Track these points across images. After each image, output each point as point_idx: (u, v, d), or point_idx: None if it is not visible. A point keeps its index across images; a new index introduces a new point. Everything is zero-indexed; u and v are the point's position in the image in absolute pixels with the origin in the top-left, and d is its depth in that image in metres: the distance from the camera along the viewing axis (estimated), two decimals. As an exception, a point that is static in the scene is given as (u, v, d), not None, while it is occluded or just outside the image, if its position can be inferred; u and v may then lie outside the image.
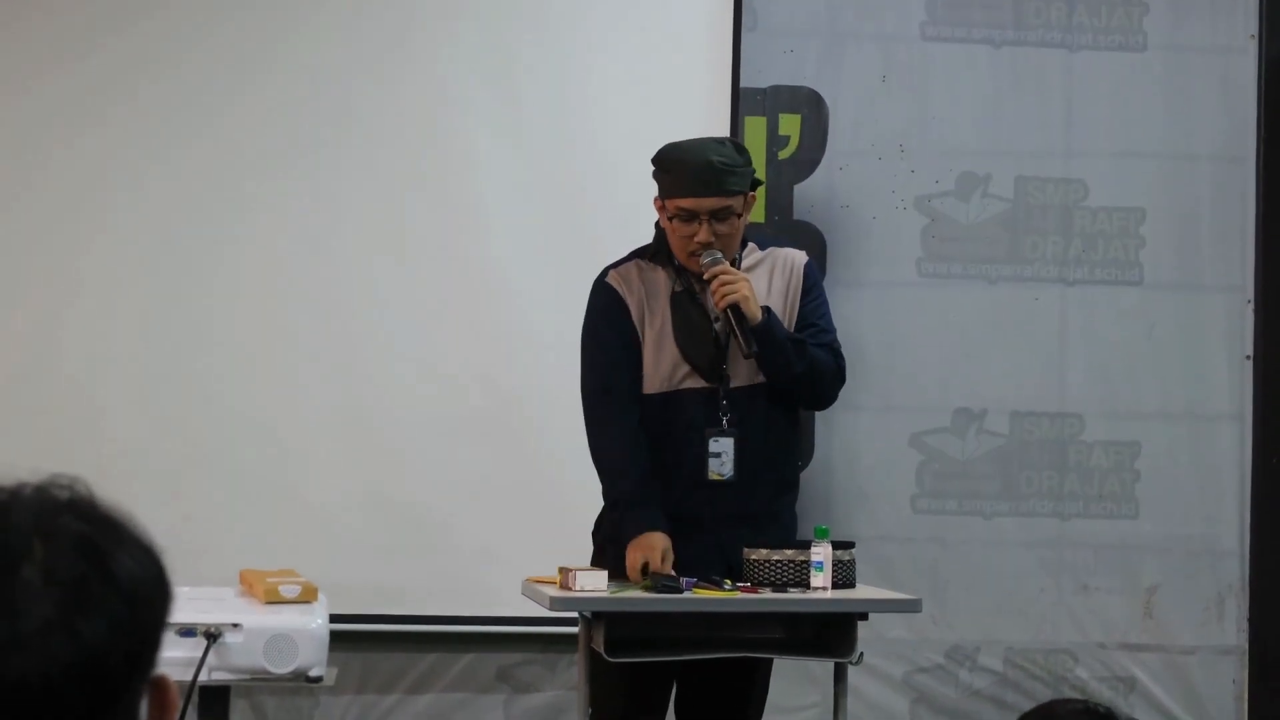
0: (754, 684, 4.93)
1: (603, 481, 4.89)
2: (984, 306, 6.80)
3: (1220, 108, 6.89)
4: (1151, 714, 6.75)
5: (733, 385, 4.82)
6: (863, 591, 4.81)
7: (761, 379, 4.83)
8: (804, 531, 4.98)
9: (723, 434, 4.80)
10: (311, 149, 6.34)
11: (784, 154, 6.69)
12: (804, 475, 5.17)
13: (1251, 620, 6.83)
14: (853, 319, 6.51)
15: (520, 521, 6.24)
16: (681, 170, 4.80)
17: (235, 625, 4.42)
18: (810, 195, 6.66)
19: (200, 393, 6.26)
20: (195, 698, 4.41)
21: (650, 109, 6.38)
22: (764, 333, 4.71)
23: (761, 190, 5.13)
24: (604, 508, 4.97)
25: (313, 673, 4.46)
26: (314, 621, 4.51)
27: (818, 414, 6.36)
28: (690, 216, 4.77)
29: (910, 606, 4.85)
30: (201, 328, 6.28)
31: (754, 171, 4.93)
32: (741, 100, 6.53)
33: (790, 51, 6.75)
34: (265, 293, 6.31)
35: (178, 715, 1.62)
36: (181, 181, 6.30)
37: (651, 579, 4.58)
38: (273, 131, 6.34)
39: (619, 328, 4.89)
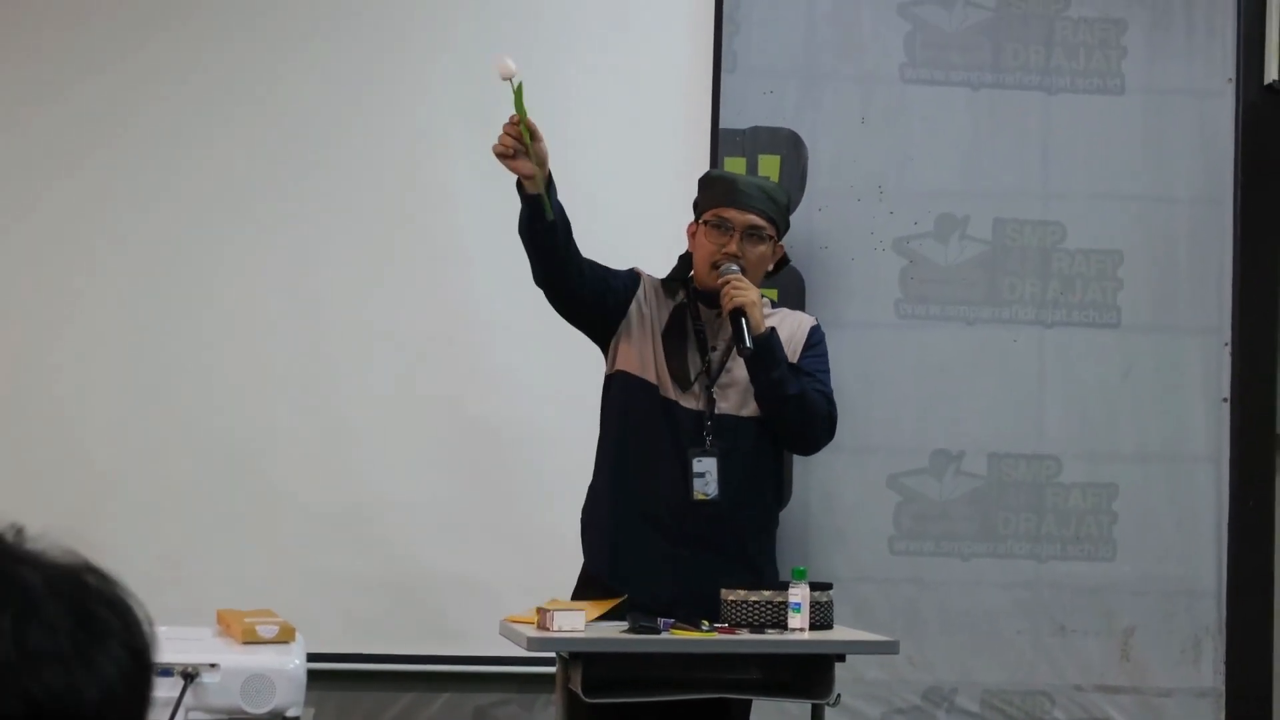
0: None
1: (519, 228, 4.81)
2: (962, 348, 6.81)
3: (1198, 151, 6.92)
4: (1128, 756, 6.77)
5: (720, 411, 4.84)
6: (840, 633, 4.81)
7: (750, 412, 4.85)
8: (782, 572, 4.98)
9: (705, 454, 4.81)
10: (292, 186, 6.35)
11: (763, 195, 6.70)
12: (782, 515, 5.16)
13: (1228, 662, 6.83)
14: (831, 360, 6.51)
15: (498, 561, 6.25)
16: (728, 183, 4.98)
17: (212, 665, 4.40)
18: (789, 236, 6.63)
19: (181, 430, 6.26)
20: (171, 737, 4.39)
21: (630, 149, 6.40)
22: (764, 342, 4.74)
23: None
24: (584, 505, 4.99)
25: (290, 713, 4.45)
26: (291, 661, 4.49)
27: (796, 456, 6.36)
28: (725, 226, 4.86)
29: (887, 648, 4.85)
30: (182, 365, 6.28)
31: (789, 223, 5.09)
32: (721, 141, 6.56)
33: (770, 93, 6.77)
34: (245, 330, 6.32)
35: None
36: (164, 217, 6.31)
37: (630, 619, 4.58)
38: (253, 169, 6.35)
39: (622, 277, 4.96)
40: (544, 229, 4.70)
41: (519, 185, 4.70)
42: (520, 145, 4.60)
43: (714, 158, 6.46)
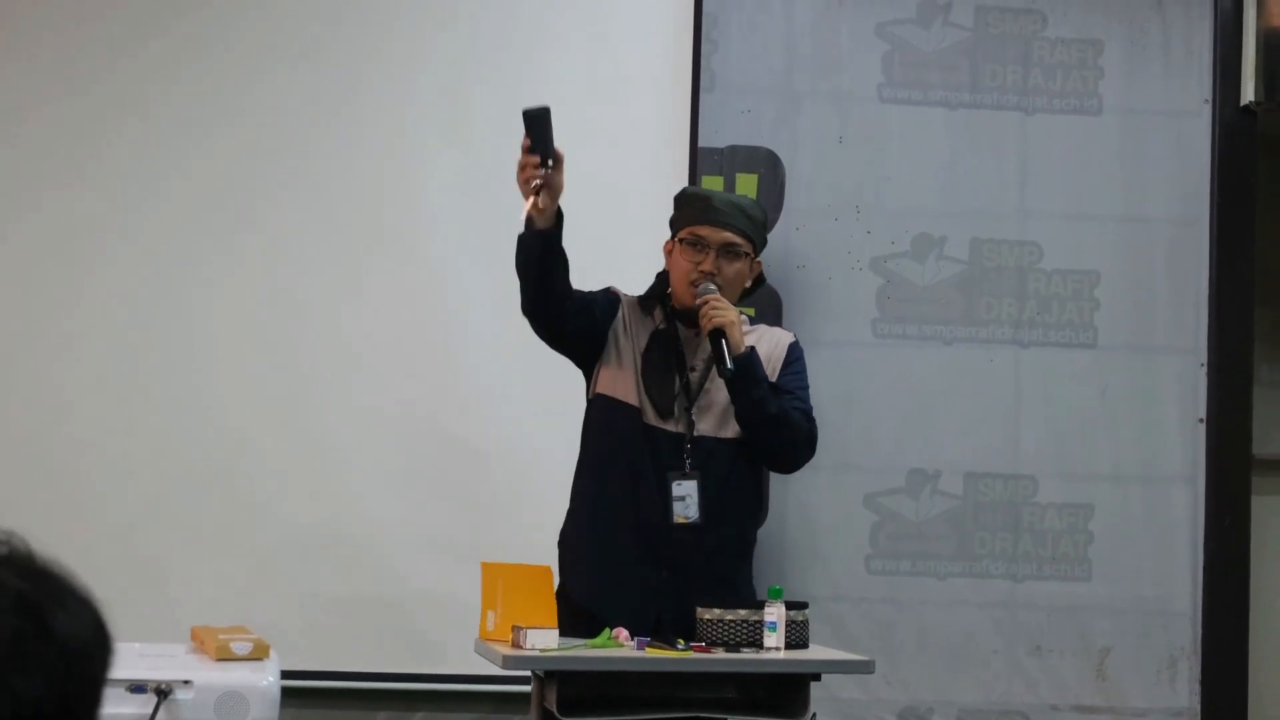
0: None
1: (518, 260, 4.79)
2: (939, 368, 6.82)
3: (1175, 171, 6.94)
4: (1104, 776, 6.77)
5: (699, 432, 4.83)
6: (816, 652, 4.80)
7: (729, 433, 4.84)
8: (758, 592, 4.97)
9: (684, 477, 4.79)
10: (271, 200, 6.35)
11: (741, 213, 6.71)
12: (759, 535, 5.15)
13: (1204, 683, 6.84)
14: (809, 379, 6.52)
15: (474, 578, 6.22)
16: (704, 201, 4.95)
17: (186, 682, 4.39)
18: (767, 255, 6.62)
19: (157, 445, 6.25)
20: (145, 754, 4.38)
21: (608, 167, 6.39)
22: (744, 362, 4.73)
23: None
24: (562, 527, 4.97)
25: (263, 730, 4.44)
26: (265, 679, 4.48)
27: (773, 475, 6.35)
28: (701, 244, 4.85)
29: (863, 667, 4.83)
30: (159, 379, 6.28)
31: (766, 240, 5.06)
32: (699, 159, 6.55)
33: (748, 111, 6.77)
34: (224, 345, 6.31)
35: None
36: (142, 232, 6.32)
37: None
38: (231, 183, 6.35)
39: (601, 302, 4.93)
40: (552, 262, 4.70)
41: (528, 219, 4.69)
42: (545, 176, 4.61)
43: (692, 176, 6.46)
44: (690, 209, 4.94)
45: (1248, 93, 6.91)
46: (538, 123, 4.65)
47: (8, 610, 1.51)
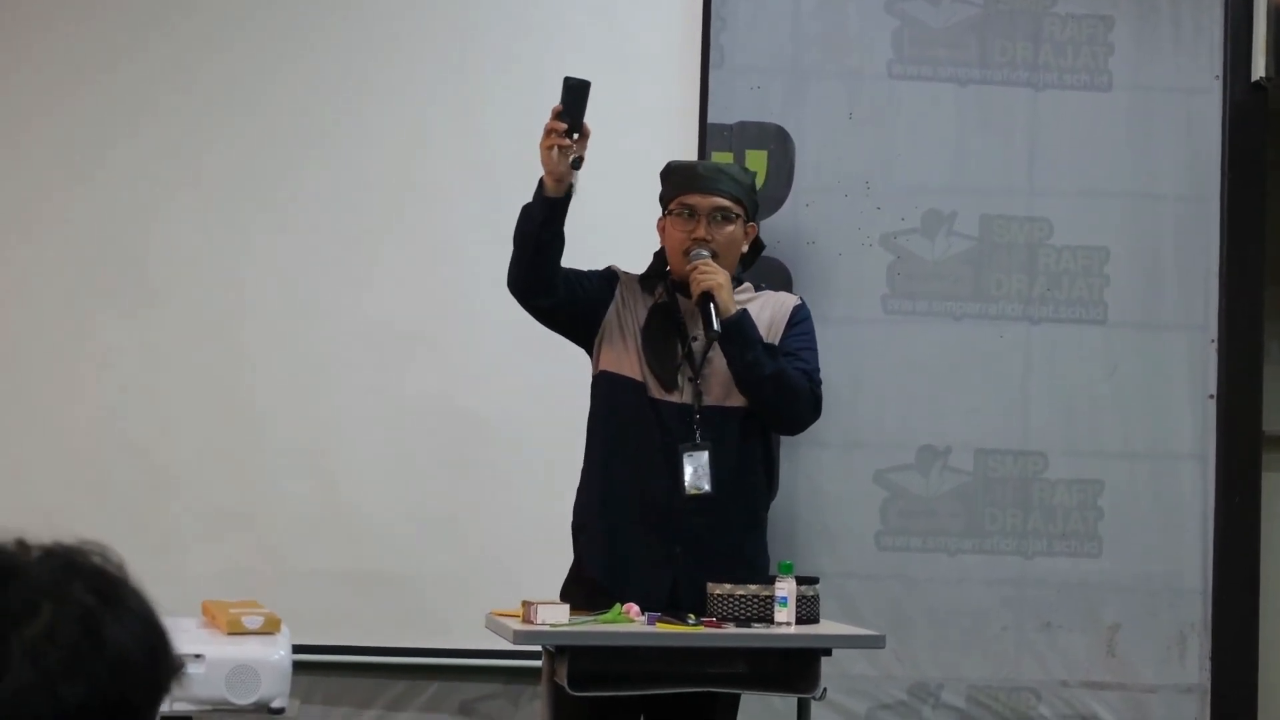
0: (718, 718, 4.92)
1: (518, 229, 4.86)
2: (949, 344, 6.81)
3: (1185, 148, 6.93)
4: (1113, 752, 6.77)
5: (706, 403, 4.83)
6: (826, 627, 4.81)
7: (735, 401, 4.84)
8: (770, 564, 4.98)
9: (696, 448, 4.80)
10: (280, 185, 6.36)
11: (750, 190, 6.71)
12: (769, 510, 5.15)
13: (1214, 658, 6.84)
14: (818, 356, 6.52)
15: (484, 554, 6.25)
16: (689, 170, 5.01)
17: (198, 656, 4.40)
18: (776, 231, 6.66)
19: (164, 423, 6.26)
20: (157, 729, 4.38)
21: (618, 144, 6.38)
22: (734, 323, 4.74)
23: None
24: (574, 505, 4.98)
25: (275, 704, 4.45)
26: (276, 653, 4.50)
27: (783, 452, 6.36)
28: (691, 213, 4.87)
29: (873, 643, 4.85)
30: (169, 359, 6.28)
31: (757, 203, 5.07)
32: (709, 136, 6.55)
33: (757, 88, 6.77)
34: (233, 326, 6.32)
35: None
36: (153, 217, 6.32)
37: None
38: (240, 168, 6.36)
39: (596, 279, 4.97)
40: (551, 236, 4.72)
41: (540, 186, 4.72)
42: (570, 143, 4.67)
43: (702, 153, 6.45)
44: (677, 180, 4.97)
45: (1258, 69, 6.90)
46: (576, 93, 4.70)
47: (71, 620, 1.55)
